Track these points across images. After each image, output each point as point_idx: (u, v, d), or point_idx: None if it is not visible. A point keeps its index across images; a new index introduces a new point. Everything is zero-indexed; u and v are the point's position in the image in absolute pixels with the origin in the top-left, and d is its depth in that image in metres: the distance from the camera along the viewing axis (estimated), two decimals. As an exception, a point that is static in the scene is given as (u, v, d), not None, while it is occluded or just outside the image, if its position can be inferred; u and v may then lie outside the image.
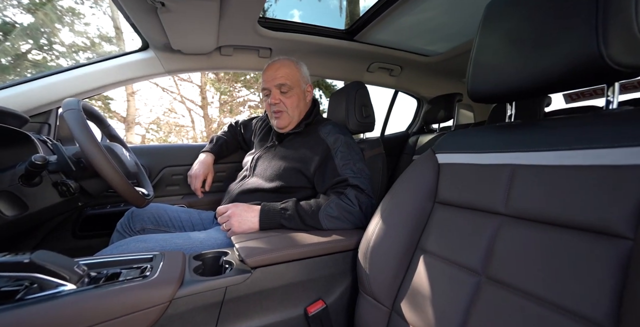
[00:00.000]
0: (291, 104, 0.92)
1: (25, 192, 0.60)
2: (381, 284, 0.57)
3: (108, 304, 0.43)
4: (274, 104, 0.91)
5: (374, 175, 1.08)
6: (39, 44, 6.22)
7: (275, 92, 0.91)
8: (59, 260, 0.42)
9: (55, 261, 0.41)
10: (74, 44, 7.03)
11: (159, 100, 11.64)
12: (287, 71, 0.91)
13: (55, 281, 0.40)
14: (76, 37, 7.11)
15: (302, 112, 0.96)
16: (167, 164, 1.27)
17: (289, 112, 0.92)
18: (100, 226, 1.09)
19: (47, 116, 0.98)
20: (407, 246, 0.57)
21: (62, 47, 6.78)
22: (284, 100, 0.91)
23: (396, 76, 1.63)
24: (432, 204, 0.58)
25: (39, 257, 0.39)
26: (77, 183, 0.69)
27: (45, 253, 0.41)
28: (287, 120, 0.93)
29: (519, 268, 0.39)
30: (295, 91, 0.92)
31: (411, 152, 1.78)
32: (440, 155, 0.61)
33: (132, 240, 0.71)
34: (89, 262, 0.53)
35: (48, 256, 0.41)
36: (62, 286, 0.41)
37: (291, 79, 0.91)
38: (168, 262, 0.55)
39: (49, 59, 6.51)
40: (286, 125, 0.94)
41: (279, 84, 0.90)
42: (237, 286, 0.54)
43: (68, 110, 0.61)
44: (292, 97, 0.92)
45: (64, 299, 0.40)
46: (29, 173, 0.59)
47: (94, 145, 0.60)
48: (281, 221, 0.74)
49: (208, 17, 0.85)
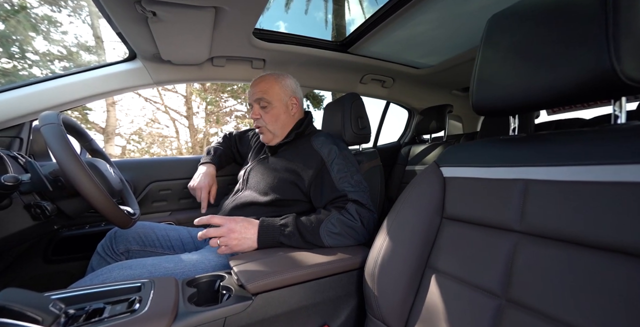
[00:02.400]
0: (269, 119, 0.90)
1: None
2: (391, 306, 0.53)
3: (90, 349, 0.37)
4: (255, 118, 0.92)
5: (372, 187, 1.07)
6: (9, 52, 5.91)
7: (255, 107, 0.91)
8: (29, 299, 0.36)
9: (25, 301, 0.35)
10: (49, 52, 6.76)
11: (142, 110, 11.31)
12: (264, 86, 0.90)
13: (25, 326, 0.34)
14: (51, 46, 6.84)
15: (287, 126, 0.93)
16: (153, 179, 1.20)
17: (269, 128, 0.91)
18: (76, 249, 0.99)
19: (19, 130, 0.90)
20: (417, 265, 0.55)
21: (36, 55, 6.49)
22: (262, 116, 0.91)
23: (388, 88, 1.66)
24: (440, 220, 0.57)
25: (5, 298, 0.33)
26: (54, 204, 0.62)
27: (13, 291, 0.35)
28: (269, 136, 0.93)
29: (542, 290, 0.37)
30: (274, 106, 0.90)
31: (404, 162, 1.79)
32: (445, 168, 0.60)
33: (115, 267, 0.64)
34: (65, 296, 0.46)
35: (16, 294, 0.35)
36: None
37: (269, 93, 0.90)
38: (159, 291, 0.49)
39: (20, 67, 6.20)
40: (270, 140, 0.93)
41: (257, 98, 0.90)
42: (237, 315, 0.49)
43: (46, 124, 0.55)
44: (269, 113, 0.90)
45: None
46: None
47: (75, 163, 0.54)
48: (280, 239, 0.70)
49: (202, 27, 0.83)
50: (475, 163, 0.53)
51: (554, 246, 0.38)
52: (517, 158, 0.46)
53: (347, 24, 7.20)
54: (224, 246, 0.68)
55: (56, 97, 0.93)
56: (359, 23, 1.16)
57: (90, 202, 0.57)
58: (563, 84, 0.41)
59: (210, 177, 1.05)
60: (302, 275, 0.57)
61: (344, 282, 0.62)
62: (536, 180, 0.42)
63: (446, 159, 0.61)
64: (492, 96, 0.50)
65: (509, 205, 0.44)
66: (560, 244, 0.38)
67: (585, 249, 0.36)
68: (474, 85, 0.53)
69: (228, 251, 0.68)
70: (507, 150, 0.49)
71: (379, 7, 1.03)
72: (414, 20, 1.02)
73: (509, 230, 0.44)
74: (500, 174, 0.47)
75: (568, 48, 0.40)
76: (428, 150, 1.66)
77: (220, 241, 0.67)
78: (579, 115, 1.21)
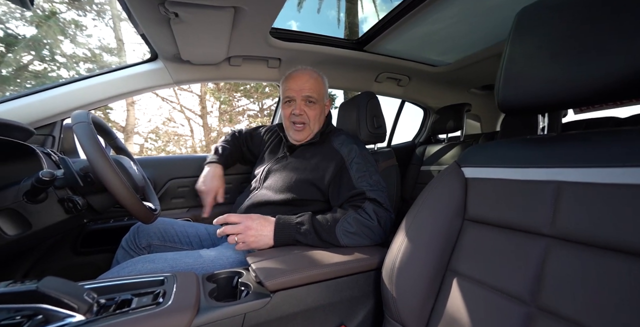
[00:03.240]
0: (314, 117, 0.90)
1: (29, 210, 0.56)
2: (410, 308, 0.53)
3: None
4: (298, 114, 0.89)
5: (388, 187, 1.05)
6: (41, 55, 6.27)
7: (300, 103, 0.89)
8: (67, 287, 0.38)
9: (63, 289, 0.37)
10: (75, 54, 7.11)
11: (158, 109, 11.69)
12: (315, 84, 0.90)
13: (62, 312, 0.36)
14: (77, 48, 7.20)
15: (321, 125, 0.94)
16: (172, 176, 1.23)
17: (311, 125, 0.91)
18: (103, 242, 1.04)
19: (51, 128, 0.95)
20: (437, 267, 0.53)
21: (63, 58, 6.85)
22: (307, 112, 0.89)
23: (404, 86, 1.63)
24: (462, 222, 0.55)
25: (46, 285, 0.35)
26: (84, 199, 0.65)
27: (52, 279, 0.37)
28: (307, 133, 0.92)
29: (577, 299, 0.35)
30: (319, 104, 0.91)
31: (419, 162, 1.75)
32: (466, 169, 0.58)
33: (139, 260, 0.66)
34: (96, 287, 0.49)
35: (55, 283, 0.37)
36: (70, 318, 0.37)
37: (318, 92, 0.90)
38: (181, 285, 0.51)
39: (49, 69, 6.57)
40: (304, 138, 0.92)
41: (306, 95, 0.89)
42: (256, 312, 0.50)
43: (78, 123, 0.58)
44: (315, 110, 0.90)
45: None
46: (34, 189, 0.55)
47: (104, 160, 0.57)
48: (296, 237, 0.70)
49: (221, 27, 0.84)
50: (501, 163, 0.51)
51: (590, 252, 0.36)
52: (549, 159, 0.44)
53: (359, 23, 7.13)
54: (242, 243, 0.69)
55: (84, 97, 0.98)
56: (372, 21, 1.16)
57: (117, 198, 0.59)
58: (600, 80, 0.38)
59: (217, 179, 1.02)
60: (320, 274, 0.57)
61: (360, 283, 0.62)
62: (570, 182, 0.40)
63: (468, 159, 0.59)
64: (520, 94, 0.48)
65: (540, 208, 0.42)
66: (597, 250, 0.36)
67: (624, 256, 0.33)
68: (500, 82, 0.51)
69: (245, 247, 0.69)
70: (538, 150, 0.47)
71: (396, 4, 1.01)
72: (432, 16, 1.00)
73: (538, 234, 0.42)
74: (530, 175, 0.45)
75: (606, 42, 0.37)
76: (444, 151, 1.62)
77: (237, 238, 0.68)
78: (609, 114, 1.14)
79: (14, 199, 0.55)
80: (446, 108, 1.65)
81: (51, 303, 0.35)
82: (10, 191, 0.55)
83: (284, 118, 0.94)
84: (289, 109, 0.91)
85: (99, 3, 7.04)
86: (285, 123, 0.95)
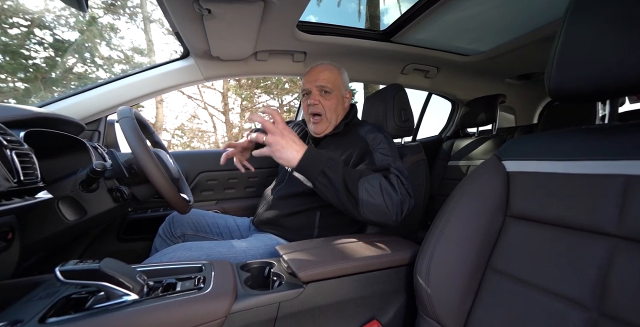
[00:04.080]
0: (329, 107, 0.90)
1: (84, 198, 0.62)
2: (445, 306, 0.51)
3: (169, 316, 0.41)
4: (312, 104, 0.89)
5: (416, 183, 1.02)
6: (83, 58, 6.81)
7: (315, 93, 0.90)
8: (123, 269, 0.41)
9: (121, 270, 0.40)
10: (110, 56, 7.62)
11: (184, 107, 12.22)
12: (330, 75, 0.90)
13: (120, 291, 0.40)
14: (112, 51, 7.70)
15: (340, 117, 0.93)
16: (202, 170, 1.29)
17: (327, 116, 0.90)
18: (142, 230, 1.12)
19: (97, 124, 1.03)
20: (476, 265, 0.51)
21: (101, 60, 7.36)
22: (322, 102, 0.89)
23: (431, 78, 1.56)
24: (503, 218, 0.52)
25: (107, 266, 0.38)
26: (129, 189, 0.70)
27: (111, 261, 0.40)
28: (324, 125, 0.91)
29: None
30: (335, 95, 0.90)
31: (446, 157, 1.68)
32: (508, 162, 0.55)
33: (178, 247, 0.70)
34: (144, 270, 0.52)
35: (114, 264, 0.40)
36: (126, 296, 0.40)
37: (332, 82, 0.90)
38: (218, 273, 0.53)
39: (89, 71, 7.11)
40: (323, 131, 0.92)
41: (320, 85, 0.89)
42: (290, 301, 0.51)
43: (123, 118, 0.62)
44: (331, 100, 0.90)
45: (128, 309, 0.39)
46: (89, 179, 0.60)
47: (147, 153, 0.60)
48: (324, 169, 0.64)
49: (250, 21, 0.85)
50: (551, 156, 0.47)
51: None
52: (613, 150, 0.40)
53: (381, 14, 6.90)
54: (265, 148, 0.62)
55: (125, 94, 1.05)
56: (393, 13, 1.11)
57: (157, 188, 0.63)
58: None
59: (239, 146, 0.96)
60: (351, 267, 0.57)
61: (392, 278, 0.61)
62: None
63: (510, 152, 0.55)
64: (577, 79, 0.44)
65: (602, 204, 0.38)
66: None
67: None
68: (552, 67, 0.46)
69: (267, 152, 0.62)
70: (598, 141, 0.43)
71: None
72: (466, 2, 0.94)
73: (601, 233, 0.38)
74: (589, 168, 0.41)
75: None
76: (474, 145, 1.54)
77: (266, 138, 0.62)
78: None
79: (72, 188, 0.60)
80: (477, 100, 1.56)
81: (110, 282, 0.38)
82: (68, 180, 0.60)
83: (304, 112, 0.95)
84: (306, 102, 0.92)
85: (131, 6, 7.47)
86: (305, 117, 0.96)
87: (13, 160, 0.43)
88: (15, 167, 0.43)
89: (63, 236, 0.60)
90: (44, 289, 0.44)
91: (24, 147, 0.47)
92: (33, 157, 0.49)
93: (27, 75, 5.87)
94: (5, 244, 0.47)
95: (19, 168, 0.44)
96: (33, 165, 0.48)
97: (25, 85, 5.90)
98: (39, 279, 0.48)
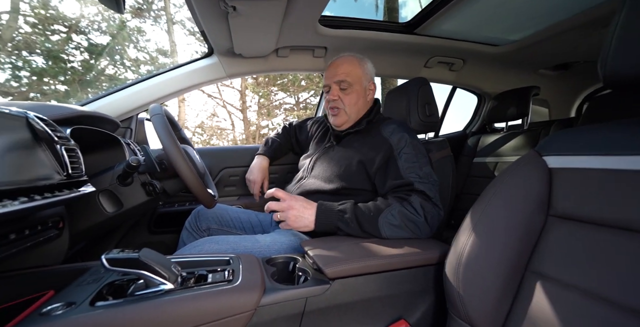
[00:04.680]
0: (349, 102, 0.88)
1: (121, 191, 0.65)
2: (480, 309, 0.48)
3: (201, 307, 0.42)
4: (332, 100, 0.89)
5: (442, 180, 0.99)
6: (114, 60, 7.24)
7: (334, 88, 0.89)
8: (160, 259, 0.43)
9: (158, 260, 0.42)
10: (137, 58, 8.02)
11: (204, 105, 12.62)
12: (348, 68, 0.88)
13: (158, 280, 0.41)
14: (138, 52, 8.11)
15: (361, 111, 0.92)
16: (225, 166, 1.32)
17: (346, 110, 0.89)
18: (170, 223, 1.17)
19: (129, 122, 1.09)
20: (514, 267, 0.48)
21: (129, 61, 7.77)
22: (342, 97, 0.88)
23: (457, 71, 1.49)
24: (545, 218, 0.48)
25: (145, 255, 0.40)
26: (160, 183, 0.73)
27: (149, 251, 0.42)
28: (344, 118, 0.90)
29: None
30: (355, 88, 0.88)
31: (471, 154, 1.61)
32: (550, 158, 0.51)
33: (206, 241, 0.72)
34: (177, 261, 0.54)
35: (151, 254, 0.42)
36: (163, 285, 0.42)
37: (352, 76, 0.88)
38: (246, 266, 0.54)
39: (119, 72, 7.54)
40: (342, 124, 0.91)
41: (338, 80, 0.88)
42: (317, 297, 0.51)
43: (155, 115, 0.65)
44: (350, 95, 0.88)
45: (165, 298, 0.41)
46: (125, 173, 0.63)
47: (177, 149, 0.62)
48: (338, 224, 0.69)
49: (273, 17, 0.85)
50: (601, 151, 0.43)
51: None
52: None
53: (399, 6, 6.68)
54: (283, 222, 0.71)
55: (153, 93, 1.09)
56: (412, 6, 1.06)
57: (186, 183, 0.65)
58: None
59: (261, 172, 1.13)
60: (378, 265, 0.56)
61: (419, 277, 0.59)
62: None
63: (552, 146, 0.51)
64: (638, 65, 0.39)
65: None
66: None
67: None
68: (609, 53, 0.42)
69: (286, 226, 0.71)
70: None
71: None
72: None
73: None
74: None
75: None
76: (503, 140, 1.46)
77: (279, 216, 0.71)
78: None
79: (110, 182, 0.64)
80: (507, 93, 1.47)
81: (149, 271, 0.40)
82: (107, 174, 0.64)
83: (325, 106, 0.95)
84: (326, 97, 0.91)
85: (156, 9, 7.81)
86: (327, 111, 0.96)
87: (63, 155, 0.47)
88: (64, 162, 0.47)
89: (103, 227, 0.64)
90: (90, 274, 0.48)
91: (71, 143, 0.51)
92: (78, 152, 0.52)
93: (66, 78, 6.35)
94: (57, 232, 0.51)
95: (67, 162, 0.47)
96: (78, 160, 0.51)
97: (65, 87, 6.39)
98: (86, 265, 0.52)
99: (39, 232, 0.48)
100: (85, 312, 0.37)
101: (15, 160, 0.40)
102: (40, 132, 0.46)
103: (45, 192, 0.42)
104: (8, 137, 0.41)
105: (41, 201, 0.40)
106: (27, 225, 0.45)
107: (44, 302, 0.40)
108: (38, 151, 0.44)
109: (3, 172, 0.37)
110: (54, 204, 0.42)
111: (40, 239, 0.47)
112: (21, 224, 0.44)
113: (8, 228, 0.42)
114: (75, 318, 0.36)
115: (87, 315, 0.37)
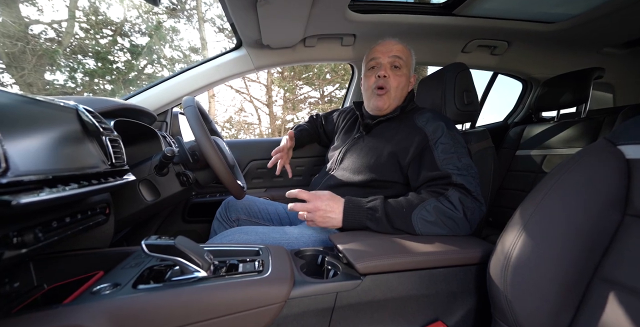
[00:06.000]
0: (397, 84, 0.82)
1: (158, 181, 0.68)
2: (533, 316, 0.43)
3: (233, 296, 0.43)
4: (382, 76, 0.82)
5: (482, 173, 0.90)
6: (152, 59, 7.78)
7: (386, 65, 0.83)
8: (194, 247, 0.44)
9: (192, 248, 0.43)
10: (172, 57, 8.51)
11: (232, 100, 13.06)
12: (403, 49, 0.83)
13: (192, 267, 0.42)
14: (173, 51, 8.59)
15: (402, 98, 0.86)
16: (253, 158, 1.34)
17: (392, 93, 0.83)
18: (202, 213, 1.23)
19: (165, 115, 1.14)
20: (579, 272, 0.42)
21: (165, 60, 8.27)
22: (392, 77, 0.82)
23: (499, 54, 1.35)
24: (621, 217, 0.41)
25: (180, 243, 0.41)
26: (193, 174, 0.75)
27: (183, 239, 0.43)
28: (388, 102, 0.84)
29: None
30: (404, 72, 0.83)
31: (514, 146, 1.46)
32: (628, 147, 0.43)
33: (236, 231, 0.74)
34: (209, 249, 0.56)
35: (186, 242, 0.43)
36: (197, 272, 0.43)
37: (405, 58, 0.83)
38: (275, 257, 0.53)
39: (156, 71, 8.09)
40: (385, 108, 0.85)
41: (394, 56, 0.82)
42: (347, 292, 0.49)
43: (188, 106, 0.66)
44: (401, 77, 0.83)
45: (199, 285, 0.42)
46: (161, 164, 0.66)
47: (208, 141, 0.63)
48: (367, 223, 0.65)
49: (301, 5, 0.83)
50: None
51: None
52: None
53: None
54: (310, 221, 0.67)
55: (186, 87, 1.14)
56: None
57: (218, 174, 0.66)
58: None
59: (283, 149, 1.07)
60: (412, 262, 0.52)
61: (459, 277, 0.55)
62: None
63: (629, 134, 0.44)
64: None
65: None
66: None
67: None
68: None
69: (314, 225, 0.68)
70: None
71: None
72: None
73: None
74: None
75: None
76: (554, 131, 1.30)
77: (306, 217, 0.68)
78: None
79: (148, 172, 0.67)
80: (562, 77, 1.29)
81: (184, 258, 0.41)
82: (146, 165, 0.68)
83: (365, 89, 0.88)
84: (372, 75, 0.84)
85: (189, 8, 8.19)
86: (366, 94, 0.89)
87: (107, 146, 0.49)
88: (109, 152, 0.49)
89: (142, 215, 0.68)
90: (133, 258, 0.51)
91: (114, 134, 0.54)
92: (121, 143, 0.55)
93: (112, 78, 6.97)
94: (104, 217, 0.55)
95: (111, 152, 0.50)
96: (121, 150, 0.54)
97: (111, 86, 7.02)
98: (129, 249, 0.55)
99: (90, 217, 0.51)
100: (129, 294, 0.39)
101: (67, 149, 0.43)
102: (89, 123, 0.48)
103: (93, 180, 0.45)
104: (62, 127, 0.44)
105: (90, 187, 0.43)
106: (79, 210, 0.49)
107: (95, 282, 0.44)
108: (86, 141, 0.47)
109: (58, 160, 0.40)
110: (101, 191, 0.45)
111: (91, 223, 0.51)
112: (73, 209, 0.48)
113: (63, 212, 0.45)
114: (120, 299, 0.39)
115: (130, 297, 0.39)
